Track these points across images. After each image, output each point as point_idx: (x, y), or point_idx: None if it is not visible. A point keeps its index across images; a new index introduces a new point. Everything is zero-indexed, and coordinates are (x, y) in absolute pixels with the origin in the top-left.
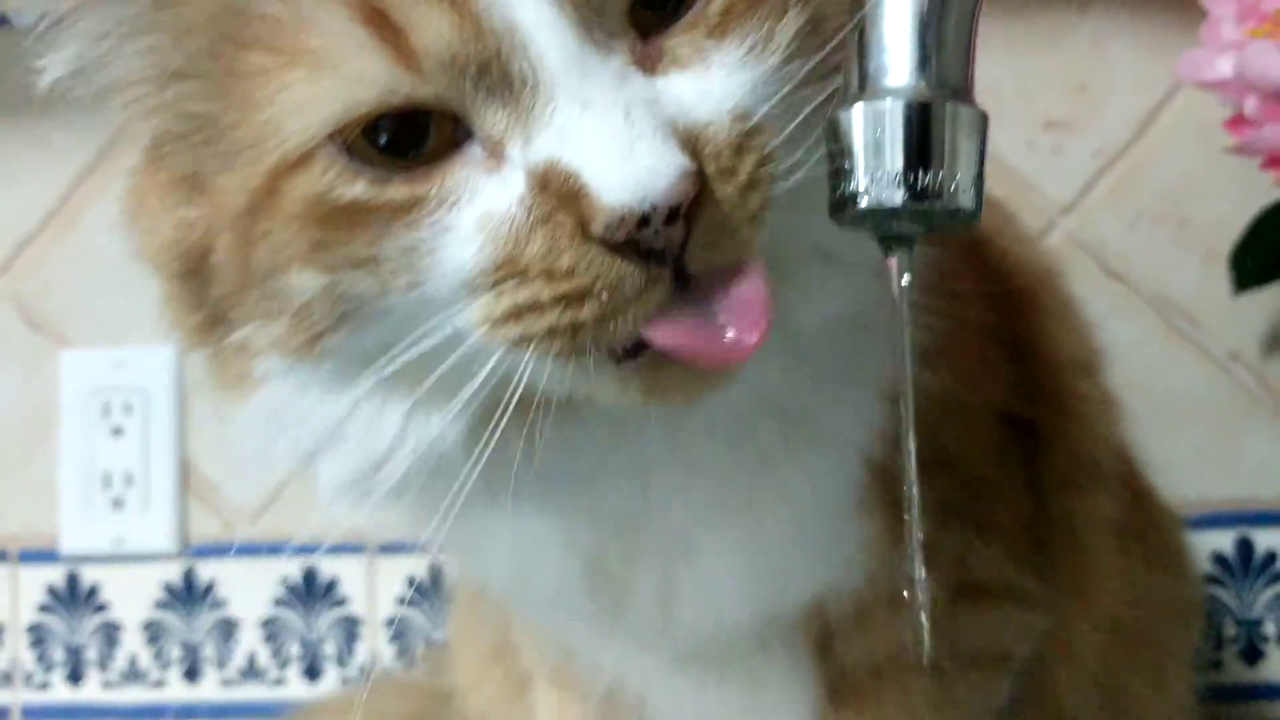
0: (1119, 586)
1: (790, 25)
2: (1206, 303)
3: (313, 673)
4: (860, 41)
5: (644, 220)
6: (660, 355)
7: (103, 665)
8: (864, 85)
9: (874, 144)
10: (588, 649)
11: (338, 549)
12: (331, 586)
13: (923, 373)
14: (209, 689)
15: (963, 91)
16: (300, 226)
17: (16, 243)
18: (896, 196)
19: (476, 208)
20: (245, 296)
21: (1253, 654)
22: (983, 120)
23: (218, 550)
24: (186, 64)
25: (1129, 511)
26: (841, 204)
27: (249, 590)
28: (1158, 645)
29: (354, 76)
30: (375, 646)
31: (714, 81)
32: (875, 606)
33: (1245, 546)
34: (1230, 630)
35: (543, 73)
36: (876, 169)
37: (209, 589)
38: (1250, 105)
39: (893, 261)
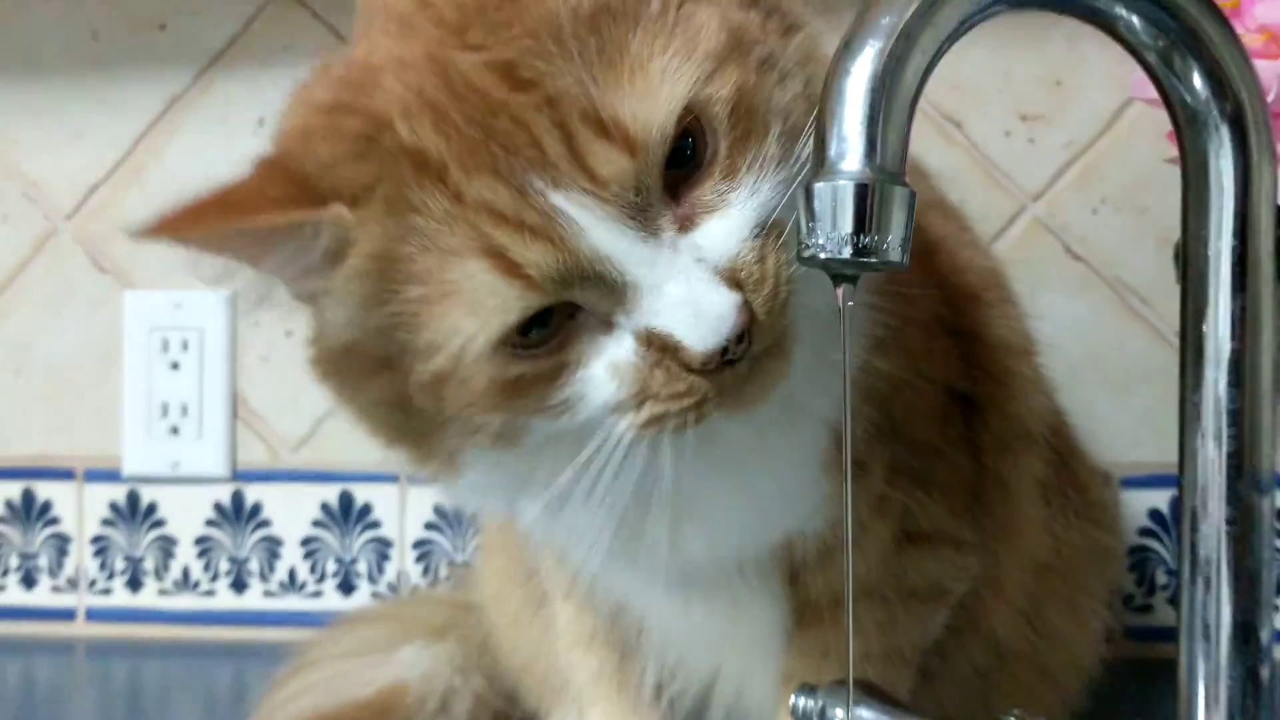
0: (1043, 534)
1: (773, 141)
2: (1157, 285)
3: (347, 587)
4: (822, 134)
5: (725, 349)
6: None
7: (159, 575)
8: (824, 167)
9: (830, 213)
10: (599, 575)
11: (373, 477)
12: (365, 511)
13: (877, 358)
14: (253, 599)
15: (898, 175)
16: (484, 393)
17: (86, 189)
18: (845, 252)
19: (603, 360)
20: (444, 426)
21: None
22: (911, 197)
23: (263, 475)
24: (376, 297)
25: (1055, 471)
26: (805, 252)
27: (291, 512)
28: (1076, 584)
29: (498, 308)
30: (403, 566)
31: (734, 217)
32: (835, 548)
33: (1177, 504)
34: (1162, 579)
35: (622, 271)
36: (831, 231)
37: (255, 510)
38: None
39: (840, 290)
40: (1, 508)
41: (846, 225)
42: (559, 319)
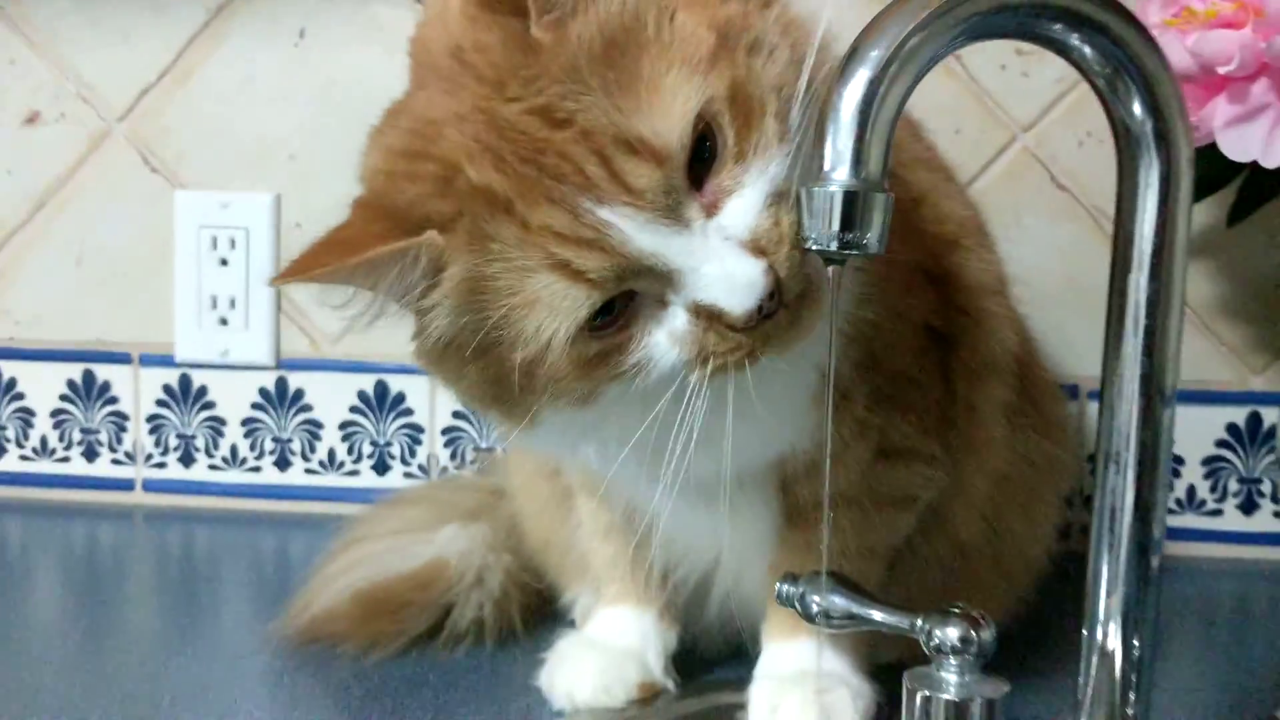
0: (1005, 450)
1: (771, 124)
2: None
3: (381, 468)
4: (819, 145)
5: (761, 307)
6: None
7: (209, 452)
8: (820, 175)
9: (824, 213)
10: (617, 480)
11: (406, 370)
12: (399, 399)
13: (863, 309)
14: (296, 475)
15: (879, 183)
16: (569, 369)
17: (137, 92)
18: (833, 245)
19: (663, 331)
20: (529, 395)
21: None
22: (889, 201)
23: (305, 365)
24: (468, 301)
25: (1018, 395)
26: (803, 242)
27: (330, 398)
28: (1032, 492)
29: (572, 306)
30: (433, 450)
31: (749, 194)
32: (821, 462)
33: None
34: None
35: (667, 259)
36: (825, 227)
37: (298, 395)
38: None
39: (830, 269)
40: (64, 386)
41: (836, 223)
42: (621, 303)
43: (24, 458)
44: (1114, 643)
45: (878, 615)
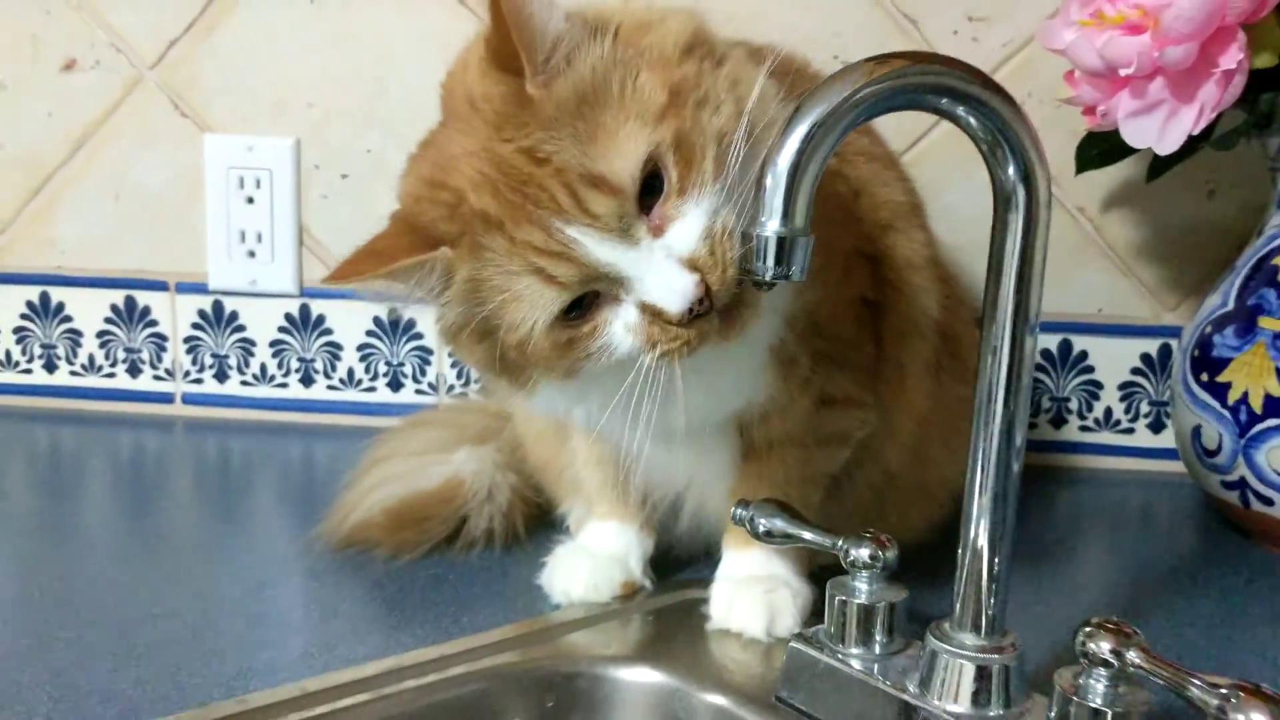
0: (927, 396)
1: (709, 165)
2: (1066, 168)
3: (395, 385)
4: (756, 197)
5: (691, 309)
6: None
7: (240, 370)
8: (760, 220)
9: (761, 252)
10: (603, 428)
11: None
12: (411, 324)
13: (807, 290)
14: (319, 391)
15: (804, 229)
16: (548, 351)
17: (166, 43)
18: (767, 276)
19: (620, 321)
20: (528, 368)
21: (1059, 421)
22: (809, 242)
23: (326, 294)
24: (471, 300)
25: (939, 352)
26: (744, 274)
27: (349, 323)
28: (950, 429)
29: (546, 302)
30: (441, 370)
31: (689, 221)
32: (771, 412)
33: (1066, 346)
34: (1046, 404)
35: (620, 269)
36: (760, 263)
37: (320, 320)
38: (1077, 74)
39: (762, 291)
40: (108, 310)
41: (769, 261)
42: (588, 299)
43: (73, 373)
44: (983, 540)
45: (808, 535)
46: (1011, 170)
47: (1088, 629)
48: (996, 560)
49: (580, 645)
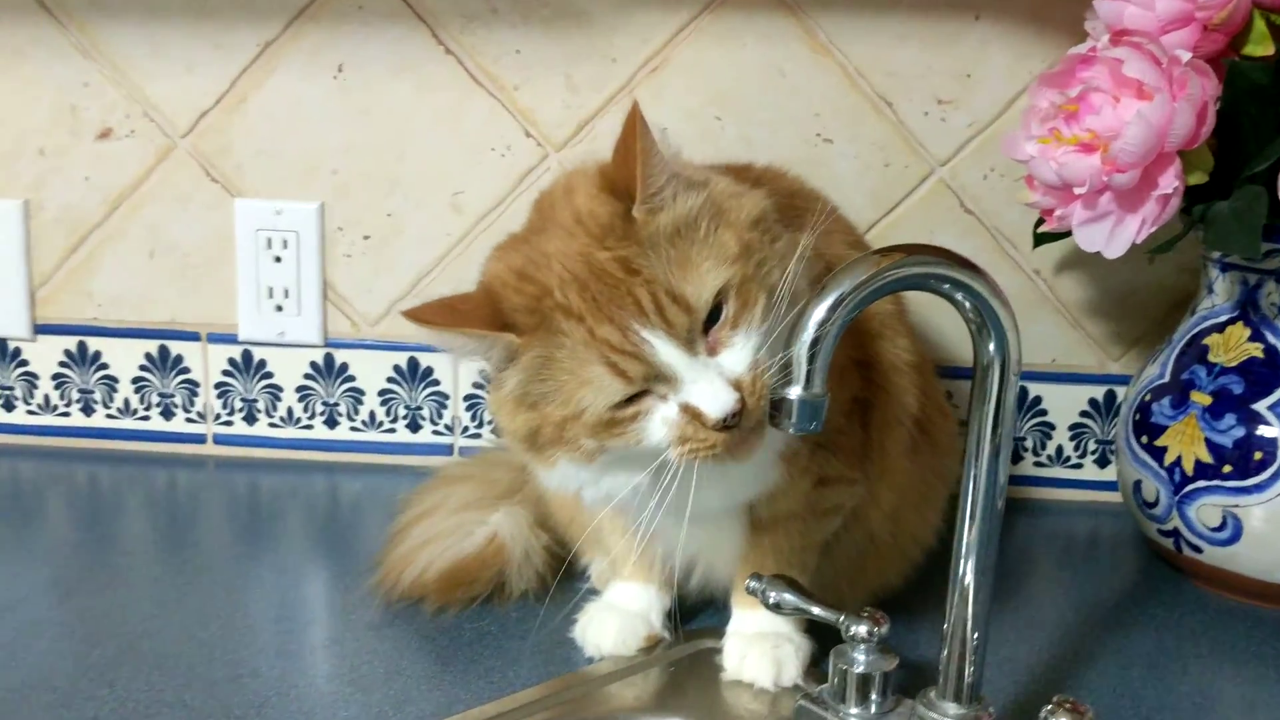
0: (905, 472)
1: (761, 309)
2: (1024, 235)
3: (414, 427)
4: (785, 349)
5: (725, 420)
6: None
7: (269, 413)
8: (789, 383)
9: (789, 411)
10: (619, 506)
11: (433, 348)
12: (428, 373)
13: None
14: (343, 432)
15: (821, 393)
16: (590, 428)
17: (197, 114)
18: (794, 430)
19: (659, 416)
20: (556, 445)
21: (1016, 458)
22: (825, 400)
23: (349, 344)
24: (535, 374)
25: (916, 437)
26: (775, 422)
27: (370, 371)
28: (923, 496)
29: (611, 391)
30: (456, 413)
31: (738, 351)
32: (775, 494)
33: (1023, 392)
34: None
35: (677, 373)
36: (789, 420)
37: (342, 369)
38: (1036, 182)
39: (786, 428)
40: (143, 359)
41: (793, 417)
42: (637, 395)
43: (110, 416)
44: (967, 621)
45: (815, 610)
46: (992, 347)
47: (1050, 706)
48: (976, 637)
49: (616, 697)
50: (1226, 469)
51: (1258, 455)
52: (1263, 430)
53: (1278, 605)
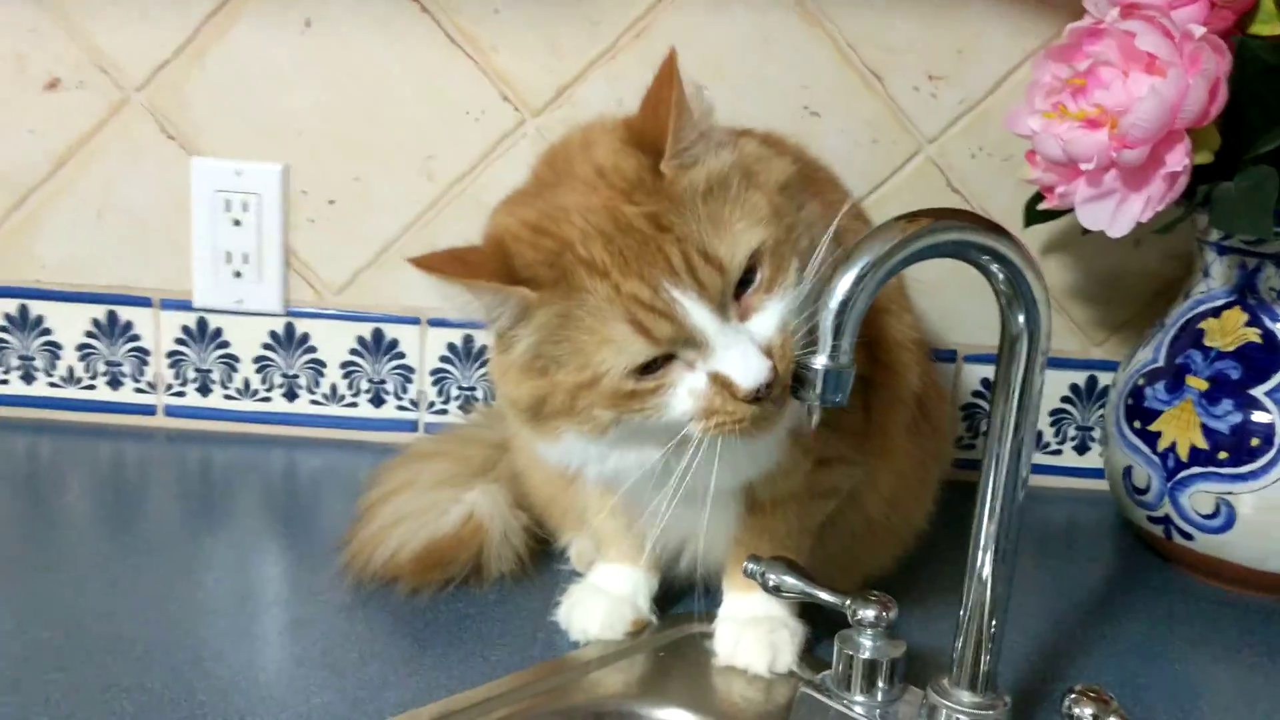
0: (904, 454)
1: (792, 272)
2: (1010, 215)
3: (377, 402)
4: (810, 334)
5: (758, 390)
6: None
7: (224, 384)
8: (811, 351)
9: (813, 382)
10: (634, 486)
11: (399, 319)
12: (393, 345)
13: None
14: (302, 405)
15: (847, 365)
16: (607, 397)
17: (154, 66)
18: (818, 402)
19: (685, 386)
20: (565, 416)
21: None
22: (851, 373)
23: (311, 313)
24: (549, 334)
25: (916, 418)
26: (796, 394)
27: (333, 342)
28: (920, 478)
29: (634, 352)
30: (422, 388)
31: (769, 316)
32: (775, 475)
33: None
34: (983, 426)
35: (708, 338)
36: (811, 391)
37: (304, 339)
38: (1038, 158)
39: (812, 406)
40: (89, 324)
41: (818, 388)
42: (659, 361)
43: (52, 384)
44: (984, 608)
45: (821, 594)
46: (1022, 319)
47: (1073, 695)
48: (994, 624)
49: (603, 684)
50: (1222, 455)
51: (1254, 441)
52: (1259, 416)
53: (1268, 594)
